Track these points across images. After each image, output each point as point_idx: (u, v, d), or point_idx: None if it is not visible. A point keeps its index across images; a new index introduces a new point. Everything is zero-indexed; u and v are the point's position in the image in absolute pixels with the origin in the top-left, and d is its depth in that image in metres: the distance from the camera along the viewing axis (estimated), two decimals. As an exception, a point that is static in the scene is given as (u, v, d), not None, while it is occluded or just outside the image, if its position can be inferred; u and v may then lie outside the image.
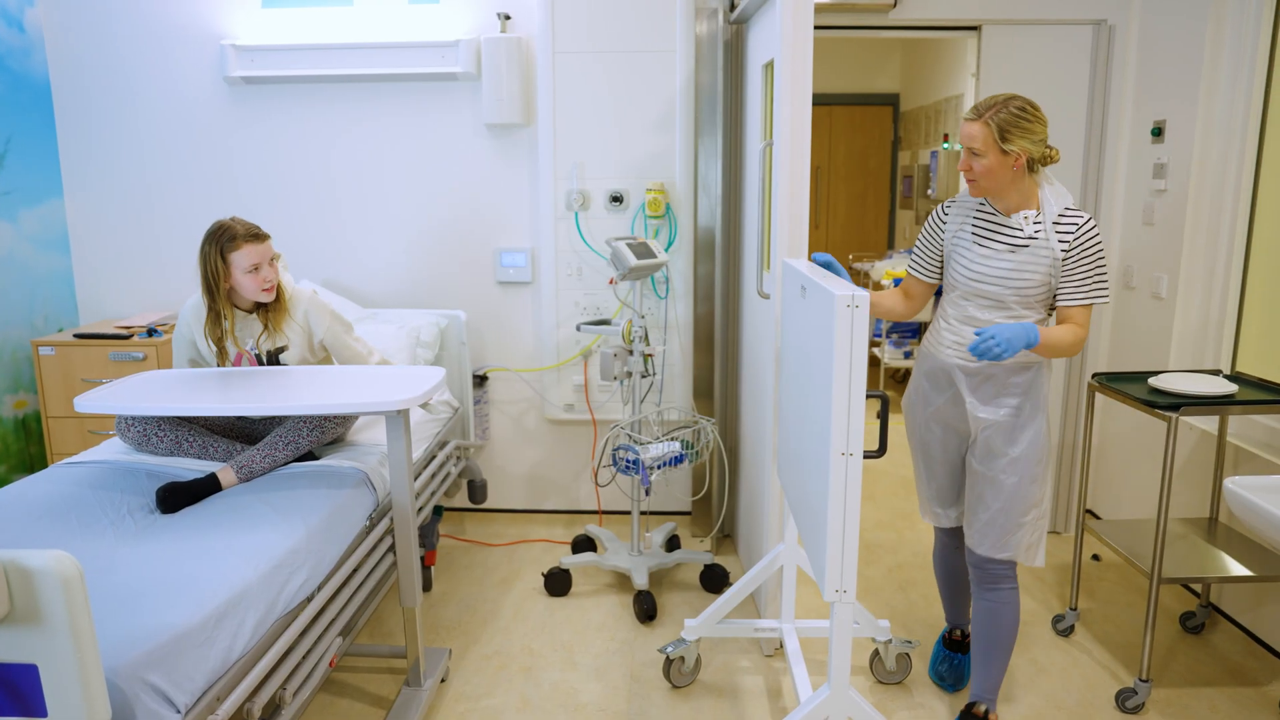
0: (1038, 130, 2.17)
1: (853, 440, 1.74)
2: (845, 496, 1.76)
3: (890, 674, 2.71)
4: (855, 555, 1.80)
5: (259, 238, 2.63)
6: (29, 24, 3.72)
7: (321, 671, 2.14)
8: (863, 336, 1.69)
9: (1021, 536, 2.30)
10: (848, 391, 1.72)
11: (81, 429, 3.63)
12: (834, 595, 1.83)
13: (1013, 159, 2.17)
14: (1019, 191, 2.23)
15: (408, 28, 3.69)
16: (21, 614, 1.33)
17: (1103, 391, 2.82)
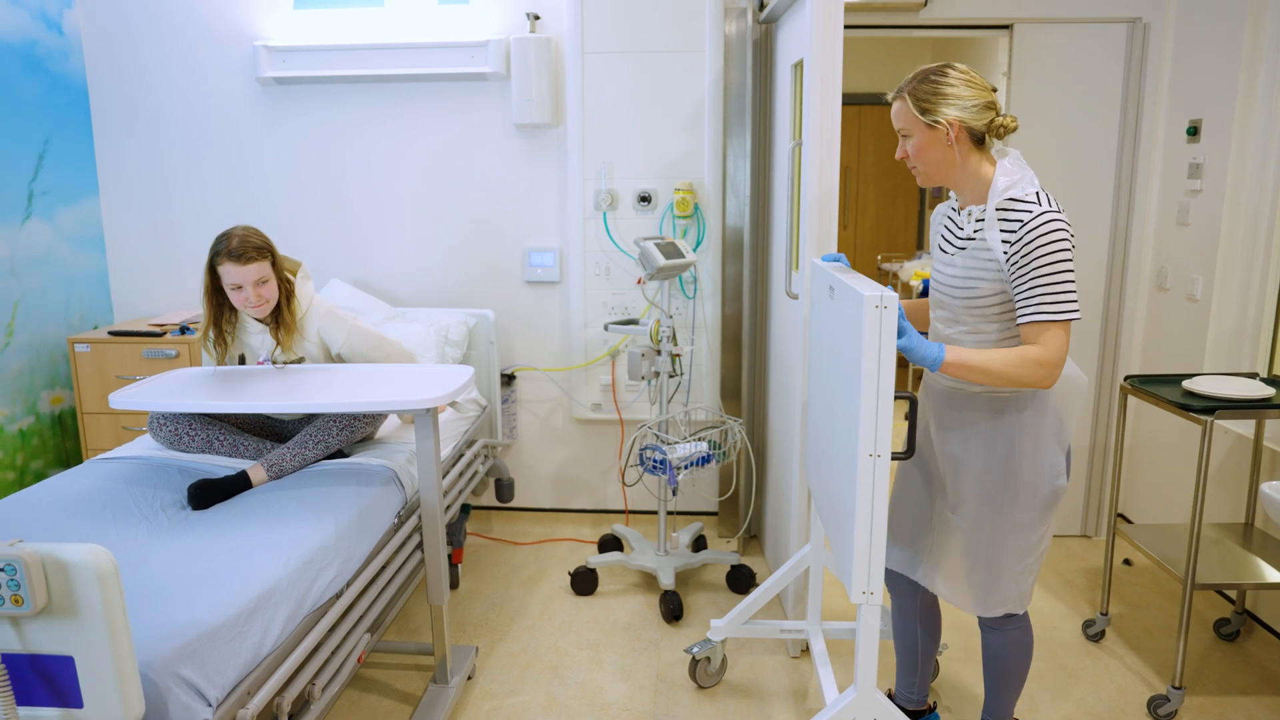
0: (964, 95, 1.85)
1: (880, 442, 1.72)
2: (873, 498, 1.74)
3: None
4: (883, 557, 1.79)
5: (243, 259, 2.53)
6: (67, 26, 3.79)
7: (350, 667, 2.15)
8: (891, 337, 1.68)
9: (1006, 587, 2.04)
10: (876, 393, 1.70)
11: (116, 425, 3.68)
12: (861, 597, 1.81)
13: (943, 133, 1.87)
14: (970, 176, 1.91)
15: (438, 28, 3.71)
16: (58, 606, 1.36)
17: (1135, 394, 2.78)
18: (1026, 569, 2.03)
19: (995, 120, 1.88)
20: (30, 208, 3.63)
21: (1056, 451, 1.99)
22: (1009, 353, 1.83)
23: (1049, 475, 1.97)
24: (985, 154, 1.92)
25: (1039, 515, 2.00)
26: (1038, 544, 2.03)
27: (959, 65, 1.89)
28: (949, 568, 2.12)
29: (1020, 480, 1.97)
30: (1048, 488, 1.98)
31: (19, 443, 3.61)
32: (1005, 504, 1.99)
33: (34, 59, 3.63)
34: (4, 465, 3.53)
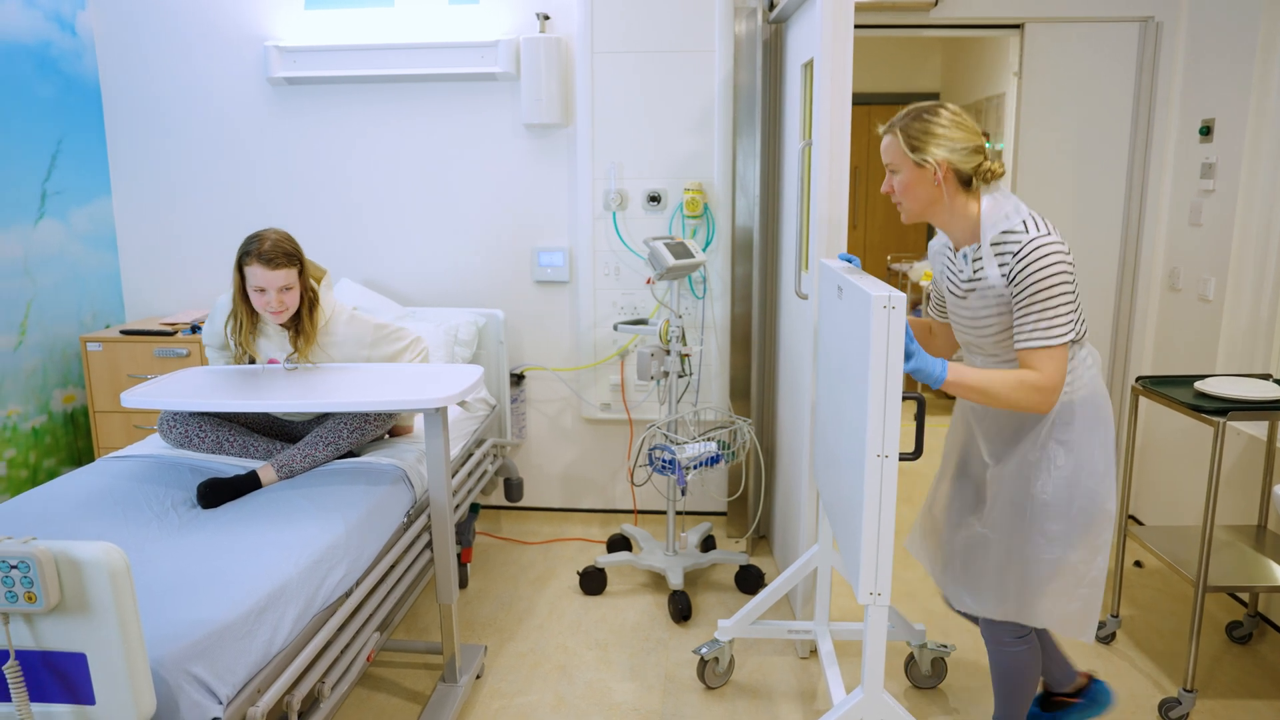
0: (955, 136, 1.87)
1: (889, 442, 1.71)
2: (880, 498, 1.74)
3: (926, 678, 2.69)
4: (890, 558, 1.77)
5: (272, 263, 2.52)
6: (80, 27, 3.81)
7: (359, 666, 2.16)
8: (899, 338, 1.67)
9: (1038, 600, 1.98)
10: (884, 393, 1.69)
11: (127, 423, 3.70)
12: (868, 598, 1.81)
13: (930, 172, 1.88)
14: (958, 216, 1.93)
15: (448, 28, 3.72)
16: (71, 604, 1.37)
17: (1147, 395, 2.77)
18: (1065, 590, 1.96)
19: (983, 164, 1.90)
20: (43, 207, 3.65)
21: (1101, 471, 1.93)
22: (1008, 375, 1.84)
23: (1087, 493, 1.93)
24: (971, 194, 1.93)
25: (1074, 531, 1.93)
26: (1077, 565, 1.95)
27: (950, 106, 1.92)
28: (975, 578, 2.07)
29: (1050, 491, 1.93)
30: (1085, 504, 1.93)
31: (32, 441, 3.63)
32: (1034, 513, 1.95)
33: (48, 60, 3.65)
34: (17, 463, 3.56)
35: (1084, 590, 1.96)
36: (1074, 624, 1.97)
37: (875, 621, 1.84)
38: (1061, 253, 1.80)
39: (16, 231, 3.52)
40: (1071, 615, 1.97)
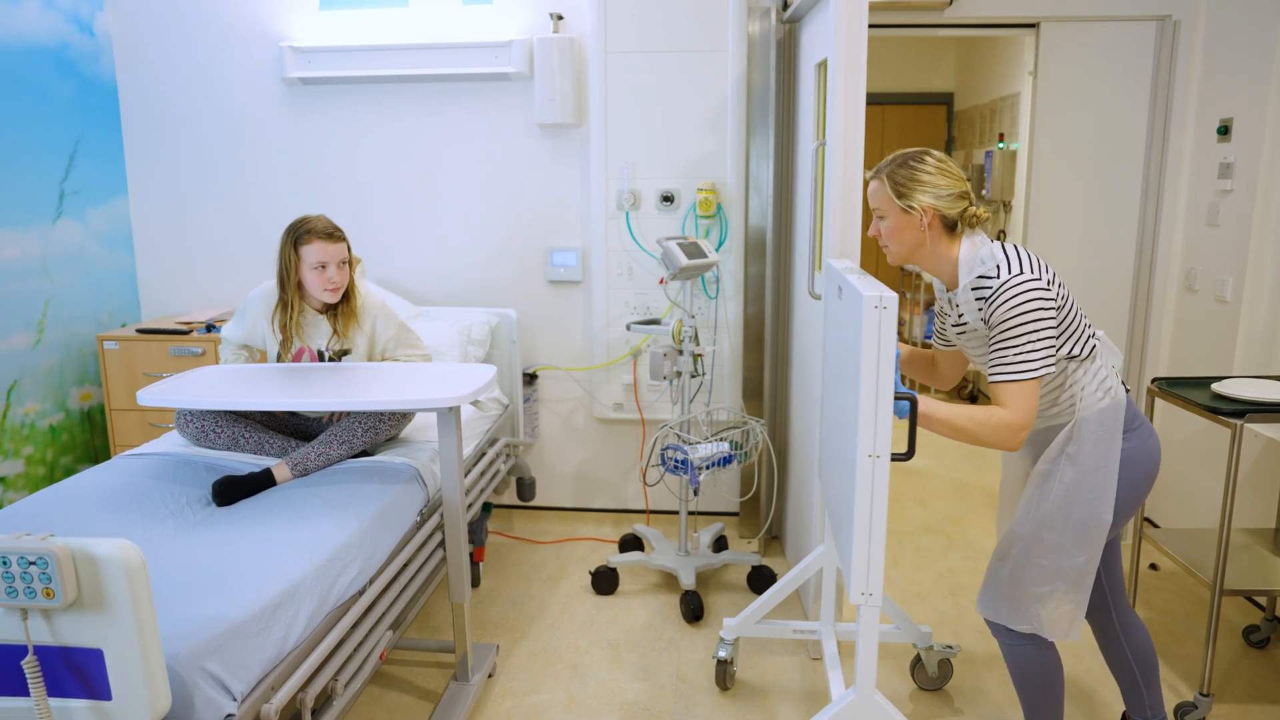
0: (940, 183, 1.92)
1: (880, 442, 1.71)
2: (872, 499, 1.73)
3: (932, 680, 2.68)
4: (881, 558, 1.77)
5: (333, 237, 2.67)
6: (98, 29, 3.84)
7: (372, 664, 2.17)
8: (890, 337, 1.68)
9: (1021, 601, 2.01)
10: (875, 393, 1.70)
11: (143, 421, 3.73)
12: (860, 598, 1.81)
13: (917, 218, 1.94)
14: (942, 260, 1.98)
15: (461, 28, 3.73)
16: (88, 600, 1.38)
17: (1163, 397, 2.75)
18: (1055, 596, 1.98)
19: (968, 210, 1.95)
20: (61, 207, 3.68)
21: (1104, 484, 1.93)
22: (977, 411, 1.85)
23: (1085, 505, 1.94)
24: (955, 238, 1.97)
25: (1069, 541, 1.95)
26: (1068, 572, 1.97)
27: (935, 153, 1.97)
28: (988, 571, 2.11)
29: (1051, 502, 1.96)
30: (1082, 516, 1.94)
31: (49, 438, 3.66)
32: (1033, 521, 1.98)
33: (66, 61, 3.69)
34: (34, 460, 3.59)
35: (1076, 595, 1.98)
36: (1061, 627, 2.00)
37: (867, 621, 1.84)
38: (1036, 289, 1.82)
39: (35, 231, 3.56)
40: (1060, 619, 1.99)
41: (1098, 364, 1.96)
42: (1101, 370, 1.96)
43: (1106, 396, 1.95)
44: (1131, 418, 1.98)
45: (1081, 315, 1.95)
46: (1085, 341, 1.94)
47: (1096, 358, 1.96)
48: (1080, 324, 1.94)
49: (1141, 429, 2.00)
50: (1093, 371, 1.95)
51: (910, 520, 3.98)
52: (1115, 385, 1.97)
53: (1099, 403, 1.94)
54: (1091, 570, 1.97)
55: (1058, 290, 1.89)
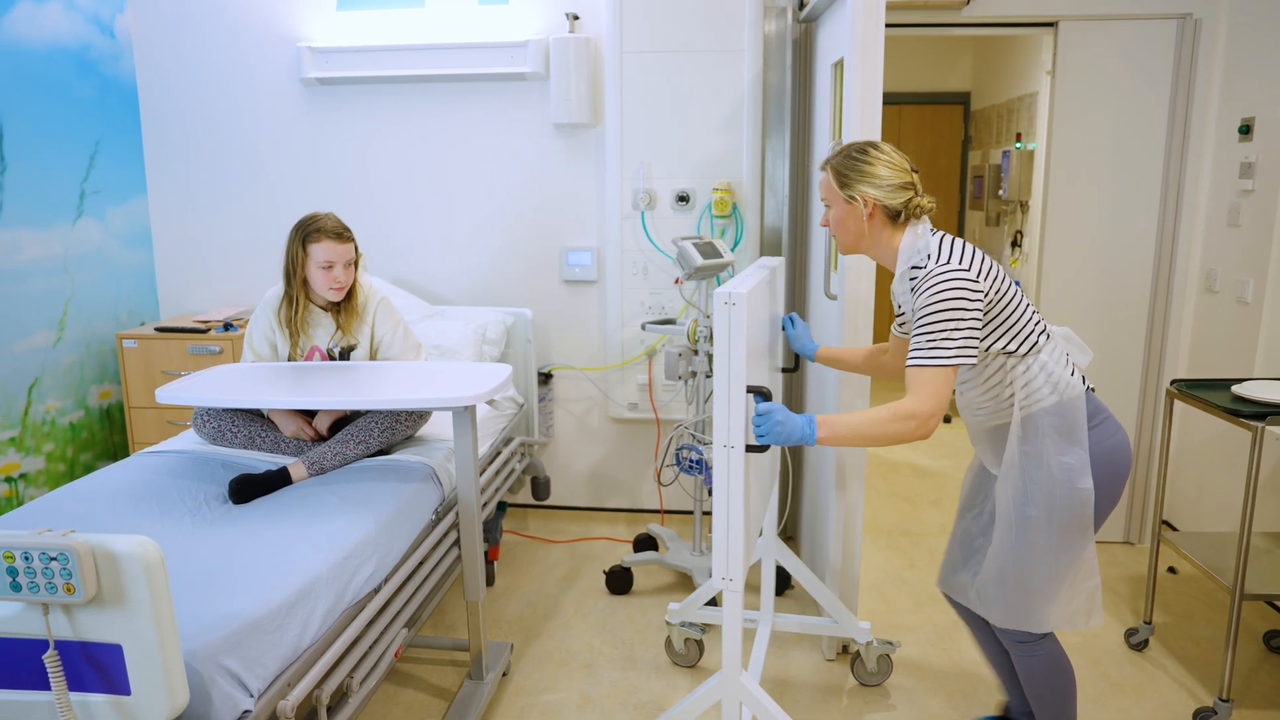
0: (882, 175, 1.94)
1: (734, 433, 1.76)
2: (728, 488, 1.78)
3: (871, 675, 2.72)
4: (740, 545, 1.81)
5: (341, 237, 2.69)
6: (119, 30, 3.87)
7: (387, 662, 2.18)
8: (740, 333, 1.73)
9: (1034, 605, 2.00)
10: (727, 386, 1.75)
11: (161, 419, 3.76)
12: (721, 583, 1.85)
13: (859, 208, 1.97)
14: (885, 249, 2.01)
15: (477, 28, 3.74)
16: (108, 596, 1.39)
17: (1182, 399, 2.73)
18: (1067, 591, 1.99)
19: (912, 200, 1.96)
20: (82, 207, 3.71)
21: (1077, 472, 1.93)
22: (879, 411, 1.83)
23: (1064, 500, 1.93)
24: (899, 228, 1.99)
25: (1060, 539, 1.95)
26: (1072, 565, 1.97)
27: (883, 145, 1.99)
28: (981, 582, 2.10)
29: (1031, 508, 1.96)
30: (1064, 514, 1.94)
31: (69, 435, 3.70)
32: (1021, 528, 1.98)
33: (87, 62, 3.72)
34: (55, 457, 3.62)
35: (1086, 584, 1.99)
36: (1081, 617, 2.01)
37: (730, 606, 1.89)
38: (959, 279, 1.82)
39: (57, 230, 3.59)
40: (1077, 611, 2.00)
41: (1044, 359, 1.94)
42: (1050, 366, 1.93)
43: (1055, 393, 1.93)
44: (1093, 413, 1.96)
45: (1025, 312, 1.93)
46: (1025, 339, 1.93)
47: (1042, 354, 1.94)
48: (1020, 320, 1.92)
49: (1105, 425, 1.98)
50: (1037, 367, 1.93)
51: (926, 522, 3.96)
52: (1071, 382, 1.94)
53: (1046, 398, 1.93)
54: (1092, 556, 1.98)
55: (991, 284, 1.87)
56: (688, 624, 2.82)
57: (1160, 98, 3.42)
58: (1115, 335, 3.57)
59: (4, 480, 3.41)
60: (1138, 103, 3.43)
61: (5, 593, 1.37)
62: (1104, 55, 3.41)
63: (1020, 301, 1.93)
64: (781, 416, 1.79)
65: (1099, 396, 2.04)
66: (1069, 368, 1.96)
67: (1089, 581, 1.99)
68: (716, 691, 1.98)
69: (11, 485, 3.44)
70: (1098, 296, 3.56)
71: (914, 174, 1.98)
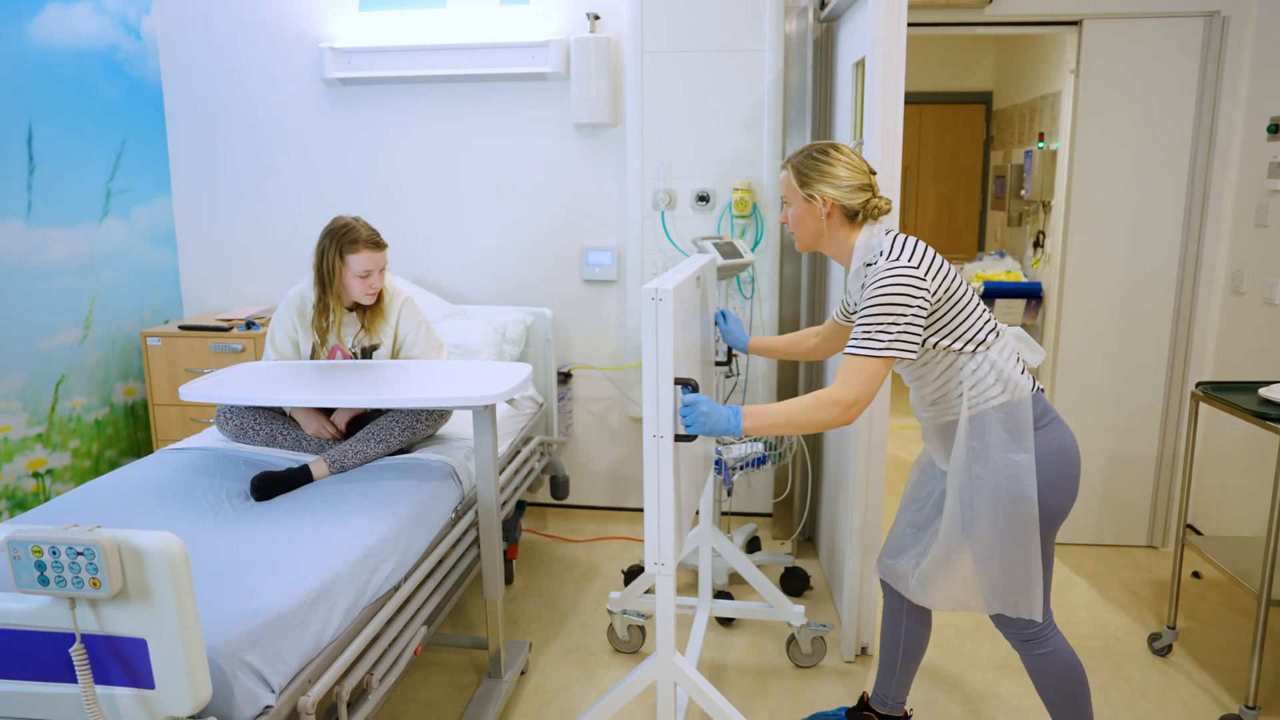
0: (841, 175, 1.98)
1: (662, 424, 1.84)
2: (658, 476, 1.86)
3: (807, 657, 2.81)
4: (671, 531, 1.88)
5: (379, 245, 2.72)
6: (145, 31, 3.92)
7: (406, 659, 2.19)
8: (667, 328, 1.80)
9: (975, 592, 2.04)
10: (655, 378, 1.82)
11: (184, 416, 3.80)
12: (654, 568, 1.92)
13: (817, 207, 2.01)
14: (842, 248, 2.04)
15: (499, 28, 3.75)
16: (133, 590, 1.40)
17: (1208, 401, 2.69)
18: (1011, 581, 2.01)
19: (870, 201, 2.00)
20: (108, 206, 3.76)
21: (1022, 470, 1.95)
22: (804, 398, 1.88)
23: (1010, 495, 1.95)
24: (856, 228, 2.03)
25: (1006, 534, 1.97)
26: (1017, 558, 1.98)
27: (843, 147, 2.02)
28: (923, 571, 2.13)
29: (976, 505, 1.99)
30: (1009, 509, 1.96)
31: (95, 432, 3.74)
32: (969, 519, 2.01)
33: (114, 63, 3.76)
34: (80, 453, 3.67)
35: (1026, 582, 2.00)
36: (1023, 606, 2.02)
37: (662, 589, 1.97)
38: (905, 275, 1.86)
39: (83, 229, 3.63)
40: (1019, 599, 2.02)
41: (994, 357, 1.95)
42: (1000, 364, 1.95)
43: (1006, 391, 1.95)
44: (1041, 414, 1.98)
45: (975, 311, 1.95)
46: (973, 336, 1.95)
47: (991, 351, 1.96)
48: (970, 319, 1.94)
49: (1053, 425, 1.99)
50: (987, 365, 1.95)
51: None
52: (1020, 381, 1.96)
53: (997, 397, 1.95)
54: (1036, 556, 1.99)
55: (940, 283, 1.90)
56: (629, 611, 2.89)
57: (1186, 96, 3.38)
58: (1139, 336, 3.53)
59: (31, 475, 3.45)
60: (1163, 102, 3.39)
61: (34, 586, 1.39)
62: (1129, 54, 3.37)
63: (971, 301, 1.96)
64: (706, 407, 1.85)
65: (1126, 395, 2.04)
66: (1019, 366, 1.99)
67: (1029, 581, 2.00)
68: (651, 673, 2.05)
69: (39, 480, 3.49)
70: (1121, 297, 3.53)
71: (872, 175, 2.02)
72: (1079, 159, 3.50)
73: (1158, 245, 3.47)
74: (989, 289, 5.36)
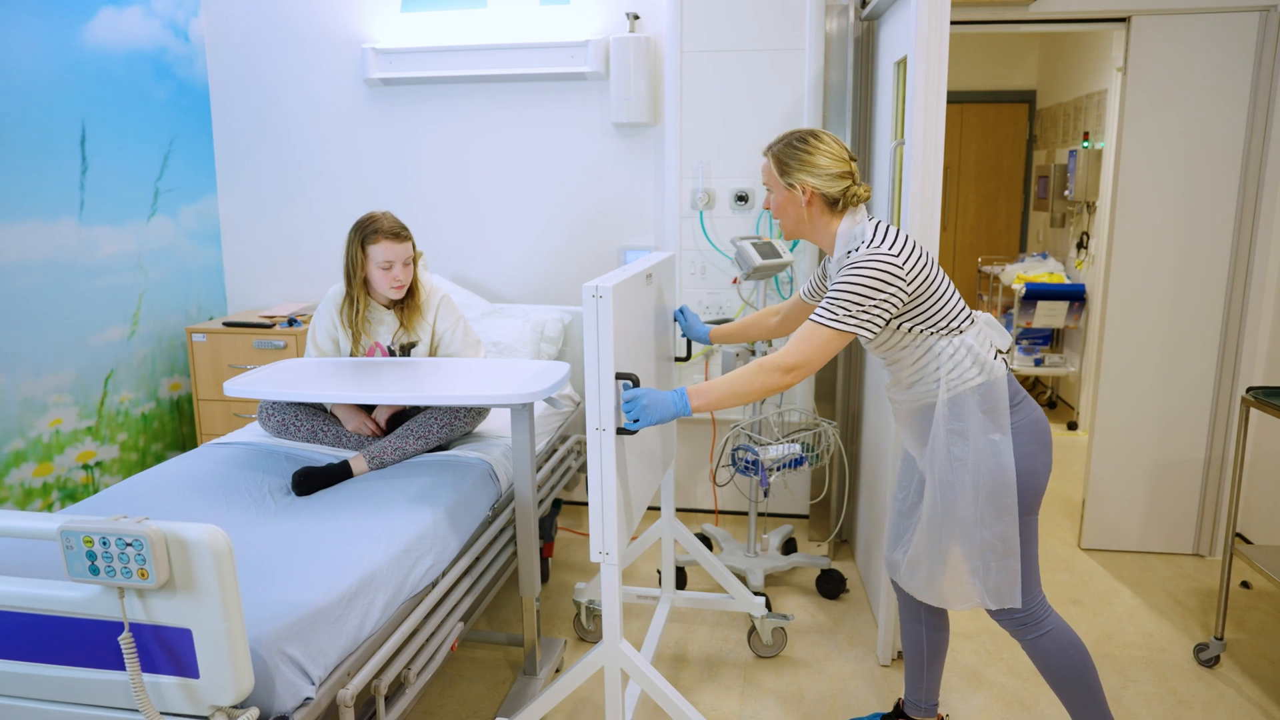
0: (820, 164, 2.01)
1: (604, 417, 1.89)
2: (601, 467, 1.92)
3: (767, 648, 2.87)
4: (614, 521, 1.93)
5: (399, 237, 2.72)
6: (193, 34, 3.99)
7: (443, 654, 2.20)
8: (608, 323, 1.86)
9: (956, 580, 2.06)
10: (597, 373, 1.88)
11: (228, 411, 3.86)
12: (599, 557, 1.98)
13: (798, 195, 2.04)
14: (824, 234, 2.07)
15: (538, 28, 3.77)
16: (179, 581, 1.43)
17: (1258, 407, 2.63)
18: (984, 567, 2.03)
19: (849, 189, 2.03)
20: (156, 205, 3.84)
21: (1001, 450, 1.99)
22: (747, 366, 1.94)
23: (990, 474, 1.99)
24: (837, 214, 2.06)
25: (984, 513, 2.00)
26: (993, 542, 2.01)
27: (824, 135, 2.06)
28: (910, 558, 2.15)
29: (955, 483, 2.02)
30: (990, 488, 1.99)
31: (141, 426, 3.82)
32: (949, 500, 2.03)
33: (163, 65, 3.84)
34: (128, 446, 3.75)
35: (1006, 562, 2.02)
36: (1004, 594, 2.04)
37: (607, 578, 2.02)
38: (883, 259, 1.90)
39: (132, 227, 3.71)
40: (998, 587, 2.04)
41: (969, 340, 1.99)
42: (975, 347, 1.99)
43: (983, 372, 1.99)
44: (1014, 393, 2.03)
45: (951, 298, 1.99)
46: (949, 320, 1.98)
47: (967, 335, 1.99)
48: (945, 305, 1.97)
49: (1025, 403, 2.04)
50: (964, 348, 1.98)
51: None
52: (994, 363, 2.00)
53: (975, 378, 1.98)
54: (1014, 536, 2.01)
55: (919, 272, 1.93)
56: (594, 601, 2.95)
57: (1239, 94, 3.30)
58: (1186, 340, 3.46)
59: (82, 467, 3.54)
60: (1215, 99, 3.32)
61: (85, 576, 1.42)
62: (1180, 50, 3.30)
63: (947, 288, 1.99)
64: (649, 400, 1.91)
65: (1173, 399, 2.04)
66: (991, 350, 2.02)
67: (1009, 561, 2.02)
68: (599, 659, 2.10)
69: (88, 472, 3.57)
70: (1168, 299, 3.45)
71: (852, 163, 2.05)
72: (1126, 158, 3.43)
73: (1207, 246, 3.40)
74: (1031, 291, 5.28)
